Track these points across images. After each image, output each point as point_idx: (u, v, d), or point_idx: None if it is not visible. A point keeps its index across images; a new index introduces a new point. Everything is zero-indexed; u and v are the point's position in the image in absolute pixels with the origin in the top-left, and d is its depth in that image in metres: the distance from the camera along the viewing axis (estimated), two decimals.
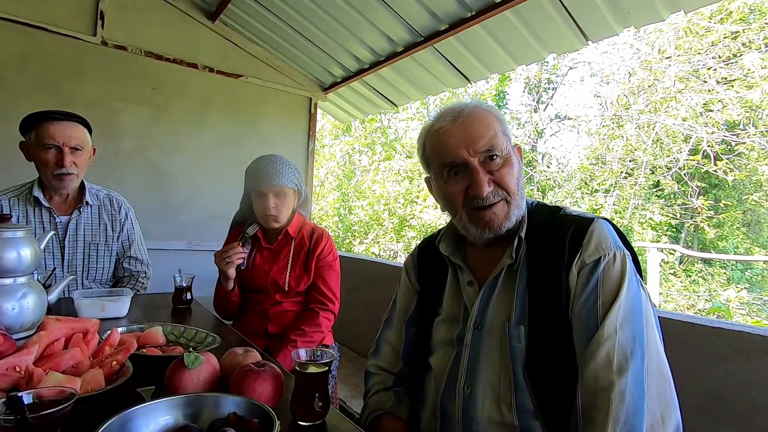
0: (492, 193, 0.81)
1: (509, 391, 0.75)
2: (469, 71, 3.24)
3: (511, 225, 0.82)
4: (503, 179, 0.80)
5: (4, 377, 0.70)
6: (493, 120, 0.83)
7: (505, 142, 0.82)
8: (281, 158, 1.62)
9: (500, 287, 0.82)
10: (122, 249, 1.74)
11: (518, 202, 0.82)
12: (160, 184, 3.29)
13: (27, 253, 1.02)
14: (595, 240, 0.75)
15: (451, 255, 0.90)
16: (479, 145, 0.80)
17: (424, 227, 7.89)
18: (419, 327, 0.95)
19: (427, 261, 0.98)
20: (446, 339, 0.87)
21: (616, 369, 0.67)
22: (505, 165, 0.81)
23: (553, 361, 0.74)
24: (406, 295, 1.02)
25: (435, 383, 0.87)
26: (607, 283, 0.73)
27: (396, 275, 3.44)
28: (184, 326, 1.10)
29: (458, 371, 0.82)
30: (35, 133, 1.51)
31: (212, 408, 0.60)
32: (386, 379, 0.98)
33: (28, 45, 2.79)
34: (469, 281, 0.87)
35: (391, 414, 0.90)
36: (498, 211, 0.81)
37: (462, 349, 0.83)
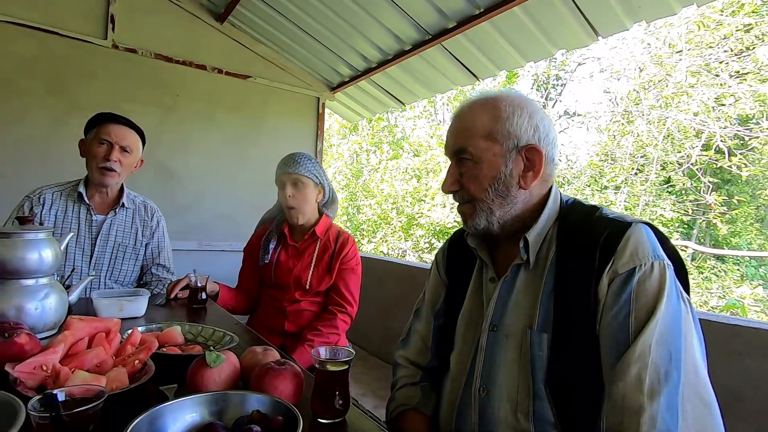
0: (458, 195, 0.84)
1: (527, 399, 0.73)
2: (477, 68, 3.22)
3: (480, 226, 0.81)
4: (467, 183, 0.82)
5: (31, 376, 0.71)
6: (481, 119, 0.79)
7: (484, 144, 0.78)
8: (303, 153, 1.68)
9: (521, 289, 0.79)
10: (151, 255, 1.78)
11: (488, 206, 0.80)
12: (169, 184, 3.32)
13: (48, 254, 1.04)
14: (630, 247, 0.69)
15: (477, 248, 0.88)
16: (451, 144, 0.84)
17: (433, 226, 7.87)
18: (445, 320, 0.95)
19: (456, 254, 0.97)
20: (465, 337, 0.86)
21: (647, 391, 0.62)
22: (474, 168, 0.80)
23: (577, 374, 0.70)
24: (435, 286, 1.01)
25: (453, 382, 0.86)
26: (642, 296, 0.67)
27: (405, 274, 3.45)
28: (201, 325, 1.11)
29: (474, 373, 0.81)
30: (96, 130, 1.62)
31: (237, 405, 0.61)
32: (414, 373, 0.98)
33: (38, 49, 2.82)
34: (491, 278, 0.85)
35: (416, 410, 0.91)
36: (464, 210, 0.85)
37: (478, 351, 0.81)
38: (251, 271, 1.77)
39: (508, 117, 0.78)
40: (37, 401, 0.47)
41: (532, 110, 0.80)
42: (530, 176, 0.79)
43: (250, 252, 1.78)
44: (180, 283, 1.55)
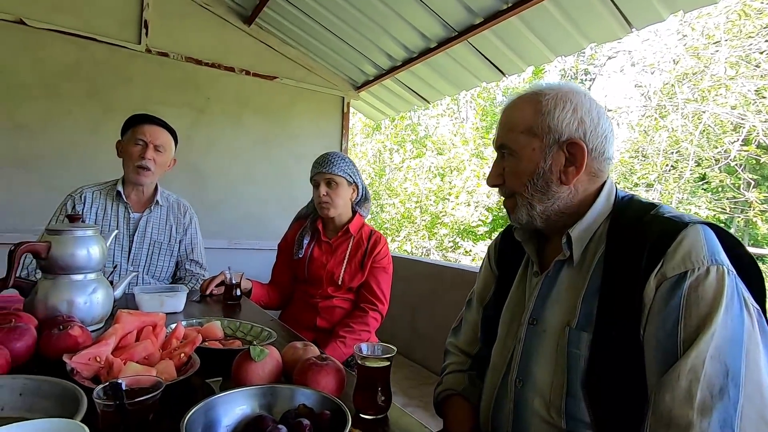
0: (501, 189, 0.85)
1: (560, 396, 0.72)
2: (504, 65, 3.17)
3: (523, 220, 0.81)
4: (507, 177, 0.82)
5: (87, 366, 0.74)
6: (522, 113, 0.79)
7: (524, 139, 0.77)
8: (338, 152, 1.71)
9: (563, 285, 0.79)
10: (185, 252, 1.84)
11: (528, 201, 0.79)
12: (200, 184, 3.41)
13: (96, 250, 1.08)
14: (683, 249, 0.65)
15: (524, 242, 0.88)
16: (496, 140, 0.84)
17: (457, 224, 7.81)
18: (493, 312, 0.95)
19: (507, 246, 0.97)
20: (508, 329, 0.86)
21: (698, 407, 0.59)
22: (515, 163, 0.80)
23: (618, 378, 0.68)
24: (485, 278, 1.02)
25: (492, 372, 0.87)
26: (695, 303, 0.63)
27: (432, 272, 3.43)
28: (239, 321, 1.13)
29: (512, 364, 0.81)
30: (131, 131, 1.69)
31: (285, 399, 0.62)
32: (464, 360, 1.00)
33: (79, 55, 2.95)
34: (535, 272, 0.85)
35: (462, 396, 0.93)
36: (508, 205, 0.85)
37: (516, 344, 0.82)
38: (284, 266, 1.81)
39: (549, 111, 0.76)
40: (101, 390, 0.49)
41: (577, 103, 0.77)
42: (572, 171, 0.77)
43: (285, 247, 1.83)
44: (215, 279, 1.59)
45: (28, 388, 0.63)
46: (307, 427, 0.55)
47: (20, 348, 0.79)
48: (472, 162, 8.39)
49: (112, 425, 0.48)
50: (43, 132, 2.85)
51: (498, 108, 9.05)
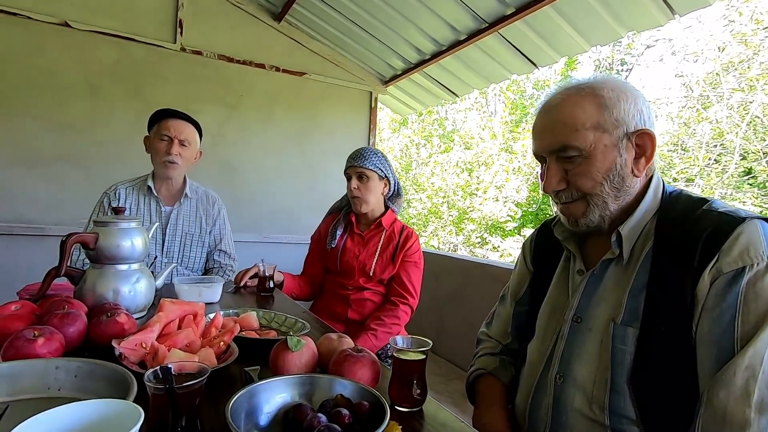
0: (565, 193, 0.78)
1: (604, 392, 0.71)
2: (536, 56, 3.09)
3: (594, 222, 0.77)
4: (576, 179, 0.76)
5: (134, 352, 0.78)
6: (583, 110, 0.74)
7: (594, 136, 0.73)
8: (371, 147, 1.73)
9: (609, 283, 0.77)
10: (214, 242, 1.89)
11: (603, 200, 0.75)
12: (232, 179, 3.50)
13: (139, 242, 1.13)
14: (741, 245, 0.63)
15: (565, 240, 0.86)
16: (553, 142, 0.77)
17: (485, 220, 7.70)
18: (529, 308, 0.95)
19: (543, 244, 0.96)
20: (547, 326, 0.85)
21: (755, 405, 0.58)
22: (584, 163, 0.75)
23: (666, 374, 0.67)
24: (520, 274, 1.01)
25: (530, 368, 0.86)
26: (753, 299, 0.61)
27: (460, 268, 3.40)
28: (274, 312, 1.16)
29: (552, 360, 0.80)
30: (157, 126, 1.73)
31: (324, 389, 0.63)
32: (495, 345, 1.02)
33: (119, 55, 3.07)
34: (579, 270, 0.83)
35: (493, 375, 0.94)
36: (574, 210, 0.79)
37: (558, 340, 0.81)
38: (317, 258, 1.85)
39: (615, 104, 0.73)
40: (151, 374, 0.51)
41: (634, 93, 0.75)
42: (642, 162, 0.75)
43: (318, 239, 1.86)
44: (249, 271, 1.63)
45: (82, 370, 0.67)
46: (347, 417, 0.55)
47: (73, 333, 0.83)
48: (501, 156, 8.22)
49: (162, 408, 0.50)
50: (87, 129, 2.99)
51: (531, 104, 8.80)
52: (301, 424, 0.55)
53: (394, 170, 1.78)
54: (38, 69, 2.83)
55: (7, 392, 0.63)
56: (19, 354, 0.72)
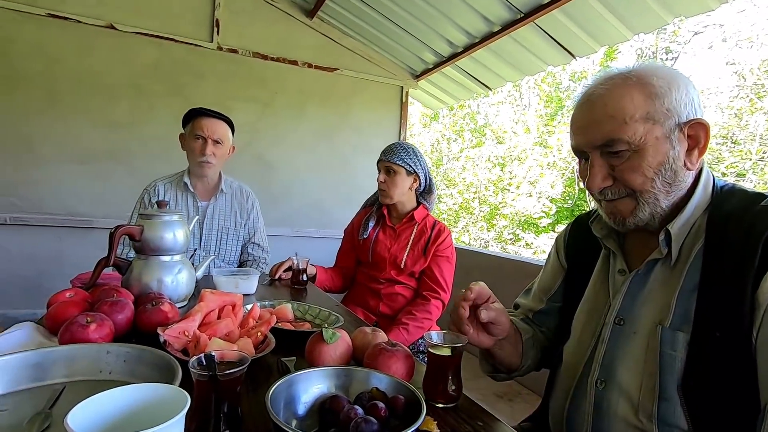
0: (611, 189, 0.73)
1: (651, 400, 0.67)
2: (574, 46, 2.98)
3: (643, 221, 0.72)
4: (625, 175, 0.70)
5: (177, 339, 0.81)
6: (632, 100, 0.69)
7: (644, 128, 0.68)
8: (404, 142, 1.75)
9: (655, 282, 0.73)
10: (248, 235, 1.94)
11: (655, 197, 0.70)
12: (266, 175, 3.58)
13: (180, 234, 1.17)
14: None
15: (604, 238, 0.82)
16: (596, 137, 0.71)
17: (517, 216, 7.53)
18: (563, 306, 0.91)
19: (579, 240, 0.91)
20: (585, 328, 0.81)
21: None
22: (634, 157, 0.70)
23: (721, 382, 0.62)
24: (552, 271, 0.96)
25: (567, 371, 0.82)
26: None
27: (492, 265, 3.34)
28: (308, 304, 1.18)
29: (592, 364, 0.77)
30: (191, 125, 1.79)
31: (360, 382, 0.63)
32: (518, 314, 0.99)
33: (160, 55, 3.19)
34: (620, 269, 0.79)
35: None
36: (622, 207, 0.73)
37: (598, 343, 0.77)
38: (349, 249, 1.87)
39: (665, 93, 0.68)
40: (195, 361, 0.53)
41: (685, 81, 0.70)
42: (695, 155, 0.70)
43: (351, 231, 1.89)
44: (283, 264, 1.67)
45: (130, 355, 0.70)
46: (383, 410, 0.55)
47: (121, 320, 0.87)
48: (535, 151, 8.00)
49: (205, 394, 0.52)
50: (130, 127, 3.13)
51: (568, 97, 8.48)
52: (338, 415, 0.56)
53: (427, 167, 1.77)
54: (87, 70, 2.99)
55: (65, 374, 0.67)
56: (74, 338, 0.76)
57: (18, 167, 2.87)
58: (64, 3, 2.91)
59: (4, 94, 2.81)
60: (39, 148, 2.91)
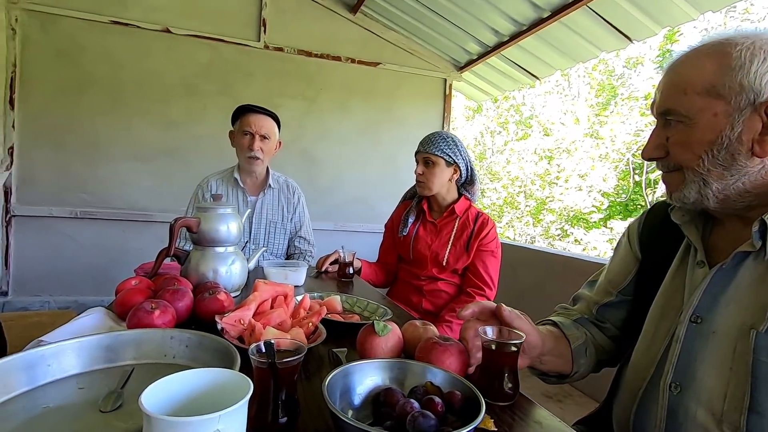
0: (662, 162, 0.71)
1: (739, 412, 0.60)
2: (631, 29, 2.79)
3: (691, 200, 0.67)
4: (674, 148, 0.68)
5: (234, 327, 0.84)
6: (700, 70, 0.63)
7: (703, 102, 0.62)
8: (442, 132, 1.68)
9: (745, 279, 0.65)
10: (294, 229, 1.99)
11: (702, 178, 0.65)
12: (311, 170, 3.65)
13: (234, 226, 1.21)
14: None
15: (684, 225, 0.75)
16: (660, 103, 0.69)
17: (566, 211, 7.22)
18: (634, 299, 0.85)
19: (656, 227, 0.84)
20: (657, 327, 0.75)
21: None
22: (685, 131, 0.65)
23: None
24: (624, 260, 0.89)
25: (635, 371, 0.76)
26: None
27: (539, 260, 3.23)
28: (356, 297, 1.18)
29: (665, 366, 0.70)
30: (239, 122, 1.85)
31: (415, 375, 0.62)
32: (573, 314, 0.93)
33: (211, 55, 3.33)
34: (699, 261, 0.71)
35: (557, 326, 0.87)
36: (670, 181, 0.71)
37: (672, 343, 0.70)
38: (390, 246, 1.85)
39: (743, 65, 0.61)
40: (255, 348, 0.54)
41: None
42: None
43: (391, 227, 1.86)
44: (330, 257, 1.69)
45: (192, 341, 0.73)
46: (440, 405, 0.54)
47: (182, 307, 0.92)
48: (585, 143, 7.62)
49: (264, 381, 0.53)
50: (185, 125, 3.29)
51: (622, 84, 7.99)
52: (393, 408, 0.55)
53: (468, 157, 1.71)
54: (146, 72, 3.17)
55: (134, 356, 0.71)
56: (140, 323, 0.81)
57: (87, 165, 3.10)
58: (126, 10, 3.10)
59: (74, 97, 3.04)
60: (105, 146, 3.13)
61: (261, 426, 0.53)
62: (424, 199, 1.76)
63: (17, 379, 0.60)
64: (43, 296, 3.09)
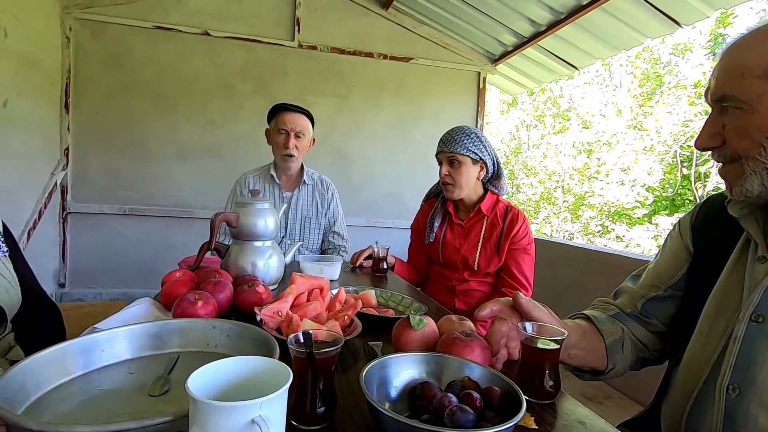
0: (718, 151, 0.66)
1: None
2: (679, 13, 2.64)
3: (753, 193, 0.63)
4: (731, 137, 0.63)
5: (272, 319, 0.86)
6: (759, 53, 0.59)
7: (762, 85, 0.58)
8: (464, 127, 1.58)
9: None
10: (329, 224, 2.02)
11: (764, 167, 0.60)
12: (343, 166, 3.68)
13: (271, 221, 1.24)
14: None
15: (743, 218, 0.70)
16: (715, 89, 0.64)
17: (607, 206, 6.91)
18: (684, 296, 0.81)
19: (710, 221, 0.80)
20: (712, 325, 0.71)
21: None
22: (744, 118, 0.60)
23: None
24: (675, 254, 0.84)
25: (689, 372, 0.72)
26: None
27: (579, 257, 3.11)
28: (390, 291, 1.18)
29: (722, 367, 0.66)
30: (274, 120, 1.89)
31: (452, 370, 0.61)
32: (611, 309, 0.90)
33: (247, 56, 3.42)
34: (760, 257, 0.67)
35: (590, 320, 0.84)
36: (728, 173, 0.66)
37: (729, 343, 0.66)
38: (419, 249, 1.79)
39: None
40: (293, 338, 0.55)
41: None
42: None
43: (417, 229, 1.81)
44: (364, 252, 1.69)
45: (233, 331, 0.75)
46: (478, 400, 0.53)
47: (223, 299, 0.95)
48: (628, 135, 7.25)
49: (302, 370, 0.53)
50: (223, 124, 3.41)
51: (669, 72, 7.54)
52: (431, 401, 0.55)
53: (494, 150, 1.61)
54: (187, 74, 3.31)
55: (179, 344, 0.74)
56: (184, 313, 0.84)
57: (133, 164, 3.27)
58: (168, 15, 3.23)
59: (122, 99, 3.21)
60: (150, 146, 3.29)
61: (299, 414, 0.54)
62: (449, 200, 1.68)
63: (75, 363, 0.64)
64: (95, 288, 3.29)
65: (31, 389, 0.56)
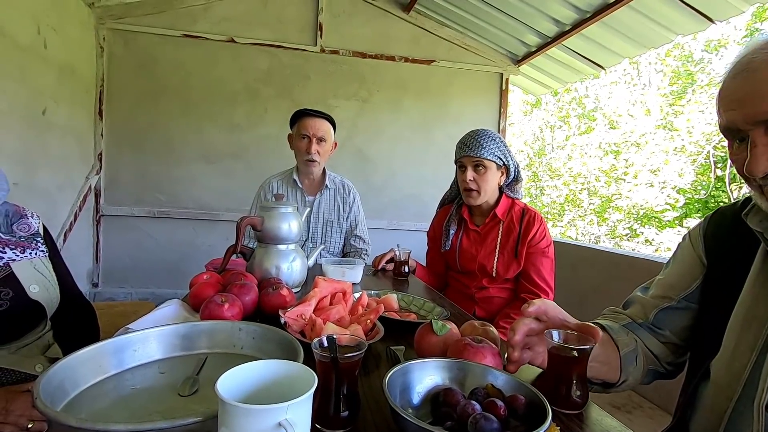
0: None
1: None
2: (712, 8, 2.55)
3: None
4: None
5: (296, 322, 0.87)
6: None
7: None
8: (487, 130, 1.55)
9: None
10: (350, 228, 2.04)
11: None
12: (364, 168, 3.70)
13: (294, 225, 1.26)
14: None
15: (766, 231, 0.68)
16: (758, 110, 0.59)
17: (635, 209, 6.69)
18: (700, 308, 0.78)
19: (722, 233, 0.78)
20: (739, 340, 0.68)
21: None
22: None
23: None
24: (688, 265, 0.82)
25: (718, 390, 0.70)
26: None
27: (603, 260, 3.03)
28: (412, 295, 1.18)
29: (758, 384, 0.63)
30: (297, 126, 1.92)
31: (475, 377, 0.61)
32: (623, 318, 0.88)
33: (271, 61, 3.48)
34: None
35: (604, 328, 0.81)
36: None
37: (765, 359, 0.64)
38: (437, 255, 1.76)
39: None
40: (318, 342, 0.56)
41: None
42: None
43: (433, 236, 1.78)
44: (386, 256, 1.70)
45: (258, 333, 0.77)
46: (502, 408, 0.52)
47: (248, 302, 0.97)
48: (657, 135, 7.01)
49: (326, 374, 0.54)
50: (247, 128, 3.48)
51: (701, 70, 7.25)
52: (454, 408, 0.55)
53: (513, 153, 1.58)
54: (213, 80, 3.40)
55: (207, 345, 0.76)
56: (212, 315, 0.86)
57: (162, 167, 3.38)
58: (195, 24, 3.33)
59: (151, 105, 3.32)
60: (177, 150, 3.39)
61: (324, 418, 0.54)
62: (464, 205, 1.65)
63: (109, 362, 0.67)
64: (126, 288, 3.41)
65: (69, 387, 0.59)
